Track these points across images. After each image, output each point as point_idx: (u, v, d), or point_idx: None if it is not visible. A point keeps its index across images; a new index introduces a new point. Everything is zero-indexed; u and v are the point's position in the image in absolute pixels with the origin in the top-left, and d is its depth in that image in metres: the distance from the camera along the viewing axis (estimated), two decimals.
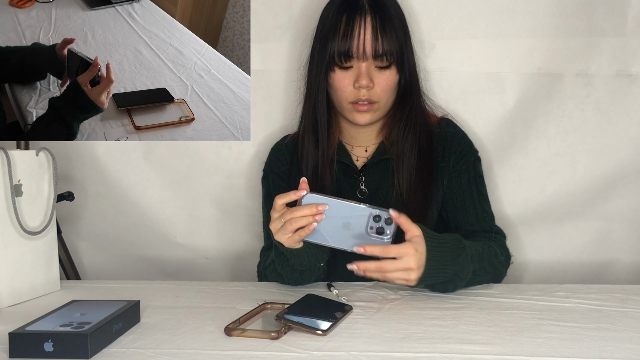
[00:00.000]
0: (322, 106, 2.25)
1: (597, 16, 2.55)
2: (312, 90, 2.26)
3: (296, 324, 1.55)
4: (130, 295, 1.84)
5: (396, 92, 2.22)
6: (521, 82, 2.60)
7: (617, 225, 2.68)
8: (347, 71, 2.15)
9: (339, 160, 2.28)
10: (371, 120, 2.21)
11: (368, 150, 2.31)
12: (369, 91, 2.14)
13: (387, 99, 2.19)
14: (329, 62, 2.16)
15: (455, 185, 2.24)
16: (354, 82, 2.14)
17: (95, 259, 2.90)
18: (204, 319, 1.67)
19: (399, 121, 2.25)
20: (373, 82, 2.14)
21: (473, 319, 1.66)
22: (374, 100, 2.16)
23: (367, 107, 2.17)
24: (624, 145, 2.61)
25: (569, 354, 1.41)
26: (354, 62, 2.14)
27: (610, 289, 1.96)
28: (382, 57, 2.12)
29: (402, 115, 2.25)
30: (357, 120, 2.20)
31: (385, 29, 2.13)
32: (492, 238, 2.17)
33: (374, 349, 1.44)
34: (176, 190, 2.79)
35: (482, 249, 2.01)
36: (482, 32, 2.58)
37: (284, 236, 1.84)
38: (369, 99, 2.15)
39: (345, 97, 2.17)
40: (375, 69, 2.15)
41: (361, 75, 2.12)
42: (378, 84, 2.15)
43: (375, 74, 2.15)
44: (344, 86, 2.16)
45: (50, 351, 1.39)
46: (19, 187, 1.88)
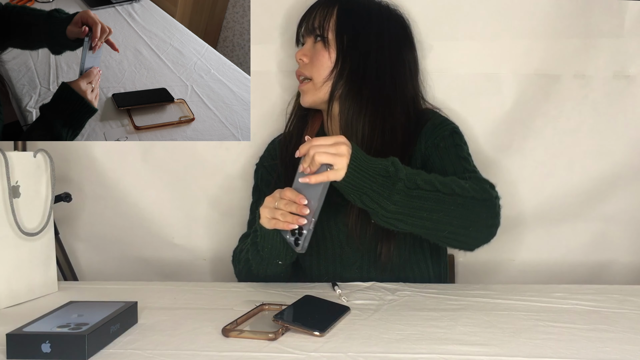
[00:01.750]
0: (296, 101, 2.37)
1: (595, 17, 2.55)
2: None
3: (294, 325, 1.55)
4: (127, 296, 1.84)
5: (331, 71, 2.22)
6: (519, 83, 2.60)
7: (615, 226, 2.68)
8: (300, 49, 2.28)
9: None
10: (311, 100, 2.26)
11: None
12: (303, 66, 2.24)
13: (320, 76, 2.23)
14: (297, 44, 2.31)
15: (433, 158, 2.18)
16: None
17: (92, 260, 2.89)
18: (202, 320, 1.67)
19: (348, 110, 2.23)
20: (308, 57, 2.23)
21: (470, 320, 1.66)
22: (306, 75, 2.24)
23: (304, 84, 2.26)
24: (622, 146, 2.62)
25: (566, 355, 1.41)
26: (306, 39, 2.26)
27: (607, 290, 1.96)
28: (318, 29, 2.22)
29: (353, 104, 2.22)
30: (303, 102, 2.28)
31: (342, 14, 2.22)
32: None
33: (371, 350, 1.44)
34: (174, 192, 2.79)
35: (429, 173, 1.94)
36: (480, 33, 2.59)
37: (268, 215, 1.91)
38: (302, 72, 2.25)
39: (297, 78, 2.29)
40: (317, 45, 2.23)
41: (301, 50, 2.25)
42: (312, 60, 2.23)
43: (313, 51, 2.24)
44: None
45: (48, 352, 1.39)
46: (16, 189, 1.88)
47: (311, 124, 2.34)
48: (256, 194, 2.40)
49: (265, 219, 1.91)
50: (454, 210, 1.90)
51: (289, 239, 1.89)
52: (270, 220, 1.89)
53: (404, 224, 1.87)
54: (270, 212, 1.89)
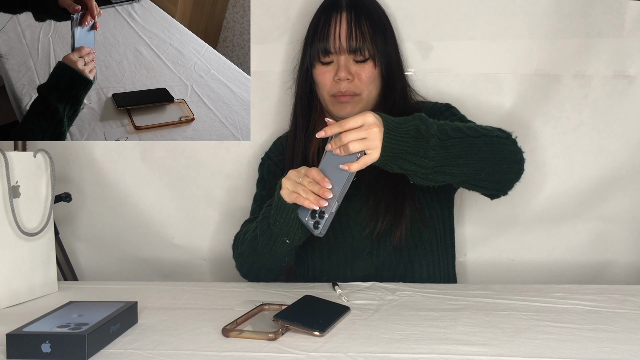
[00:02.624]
0: (303, 98, 2.37)
1: (595, 17, 2.55)
2: (299, 87, 2.38)
3: (294, 325, 1.55)
4: (127, 296, 1.84)
5: (379, 86, 2.28)
6: (518, 83, 2.60)
7: (615, 226, 2.68)
8: (328, 66, 2.26)
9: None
10: (352, 112, 2.24)
11: None
12: (349, 83, 2.23)
13: (369, 91, 2.26)
14: (310, 60, 2.27)
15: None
16: (334, 75, 2.23)
17: (92, 260, 2.89)
18: (202, 320, 1.67)
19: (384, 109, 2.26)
20: (352, 75, 2.22)
21: (470, 320, 1.66)
22: (356, 92, 2.24)
23: (348, 97, 2.24)
24: (622, 146, 2.61)
25: (566, 355, 1.41)
26: (333, 57, 2.24)
27: (607, 290, 1.96)
28: (358, 50, 2.22)
29: (385, 108, 2.26)
30: (339, 113, 2.25)
31: (361, 24, 2.22)
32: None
33: (371, 350, 1.44)
34: (174, 192, 2.79)
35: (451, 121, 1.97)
36: (480, 33, 2.59)
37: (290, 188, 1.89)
38: (349, 90, 2.23)
39: (327, 90, 2.26)
40: (354, 62, 2.23)
41: (340, 68, 2.22)
42: (359, 77, 2.23)
43: (354, 67, 2.23)
44: (324, 80, 2.26)
45: (48, 352, 1.39)
46: (16, 189, 1.88)
47: (318, 121, 2.34)
48: (261, 185, 2.42)
49: (287, 190, 1.90)
50: (485, 151, 1.94)
51: (308, 222, 1.87)
52: (292, 194, 1.88)
53: (443, 176, 1.87)
54: (293, 185, 1.88)
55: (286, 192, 1.90)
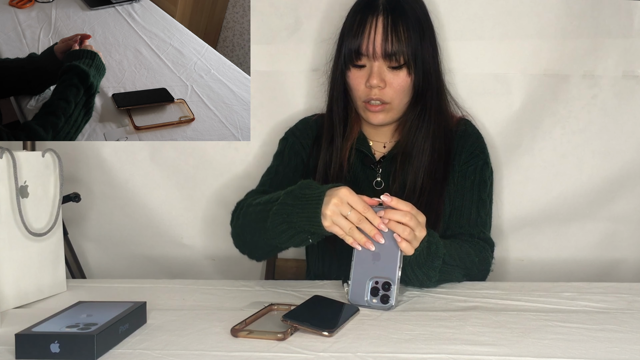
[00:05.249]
0: (337, 102, 2.30)
1: (604, 17, 2.55)
2: (331, 85, 2.32)
3: (302, 325, 1.54)
4: (136, 296, 1.84)
5: (411, 94, 2.23)
6: (527, 84, 2.60)
7: (624, 226, 2.68)
8: (361, 70, 2.19)
9: (358, 149, 2.30)
10: (384, 121, 2.24)
11: (387, 146, 2.34)
12: (380, 91, 2.17)
13: (400, 100, 2.22)
14: (344, 60, 2.21)
15: (458, 185, 2.24)
16: (366, 81, 2.17)
17: (101, 260, 2.90)
18: (211, 320, 1.67)
19: (412, 120, 2.26)
20: (385, 82, 2.17)
21: (479, 320, 1.66)
22: (386, 100, 2.19)
23: (379, 107, 2.20)
24: (630, 147, 2.61)
25: (575, 355, 1.41)
26: (365, 60, 2.17)
27: (616, 289, 1.96)
28: (392, 57, 2.14)
29: (414, 115, 2.25)
30: (370, 120, 2.24)
31: (397, 29, 2.14)
32: (472, 242, 2.15)
33: (380, 350, 1.44)
34: (182, 192, 2.80)
35: (451, 242, 2.01)
36: (489, 33, 2.59)
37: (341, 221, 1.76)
38: (380, 98, 2.18)
39: (358, 96, 2.22)
40: (388, 69, 2.17)
41: (372, 75, 2.15)
42: (390, 85, 2.17)
43: (387, 74, 2.17)
44: (357, 84, 2.20)
45: (57, 352, 1.39)
46: (24, 189, 1.88)
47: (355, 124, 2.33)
48: (279, 159, 2.40)
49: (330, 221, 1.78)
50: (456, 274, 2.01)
51: (371, 302, 1.76)
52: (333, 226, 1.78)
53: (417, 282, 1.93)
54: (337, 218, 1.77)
55: (329, 222, 1.78)
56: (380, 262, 1.77)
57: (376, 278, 1.76)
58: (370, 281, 1.77)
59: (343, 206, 1.76)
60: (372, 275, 1.77)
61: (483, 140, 2.33)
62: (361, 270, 1.78)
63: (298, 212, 1.84)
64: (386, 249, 1.76)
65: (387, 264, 1.76)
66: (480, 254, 2.10)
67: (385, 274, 1.76)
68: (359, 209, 1.76)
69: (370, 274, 1.77)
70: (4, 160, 1.82)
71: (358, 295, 1.77)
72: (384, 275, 1.76)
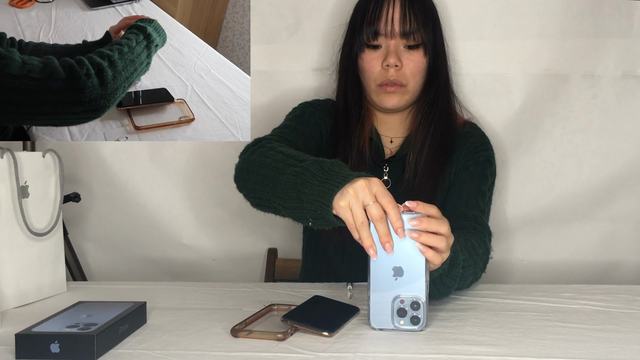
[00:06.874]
0: (352, 90, 2.27)
1: (604, 17, 2.55)
2: (342, 75, 2.29)
3: (302, 326, 1.55)
4: (136, 296, 1.84)
5: (425, 78, 2.22)
6: (527, 83, 2.60)
7: (623, 226, 2.68)
8: (376, 51, 2.17)
9: (375, 143, 2.28)
10: (398, 104, 2.20)
11: (394, 142, 2.31)
12: (397, 72, 2.15)
13: (415, 82, 2.20)
14: (358, 44, 2.18)
15: (457, 175, 2.21)
16: (382, 61, 2.15)
17: (101, 260, 2.90)
18: (211, 321, 1.67)
19: (423, 110, 2.24)
20: (401, 62, 2.15)
21: (479, 320, 1.66)
22: (402, 82, 2.17)
23: (395, 87, 2.16)
24: (630, 147, 2.62)
25: (575, 356, 1.41)
26: (382, 40, 2.16)
27: (616, 290, 1.96)
28: (410, 35, 2.14)
29: (426, 103, 2.24)
30: (385, 103, 2.20)
31: (414, 7, 2.14)
32: (470, 229, 2.04)
33: (380, 350, 1.44)
34: (183, 192, 2.80)
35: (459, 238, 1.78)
36: (489, 33, 2.59)
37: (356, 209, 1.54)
38: (397, 80, 2.16)
39: (373, 79, 2.18)
40: (404, 49, 2.16)
41: (390, 54, 2.14)
42: (407, 66, 2.16)
43: (404, 55, 2.16)
44: (372, 67, 2.17)
45: (57, 352, 1.39)
46: (25, 189, 1.88)
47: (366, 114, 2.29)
48: (296, 120, 2.25)
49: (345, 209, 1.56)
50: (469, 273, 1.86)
51: (399, 325, 1.56)
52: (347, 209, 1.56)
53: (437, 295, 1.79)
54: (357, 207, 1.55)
55: (345, 203, 1.56)
56: (403, 278, 1.55)
57: (401, 297, 1.55)
58: (394, 301, 1.56)
59: (367, 194, 1.54)
60: (396, 294, 1.56)
61: (488, 140, 2.31)
62: (381, 288, 1.56)
63: (315, 184, 1.61)
64: (409, 262, 1.54)
65: (412, 279, 1.55)
66: (482, 245, 1.98)
67: (412, 291, 1.55)
68: (383, 203, 1.53)
69: (394, 293, 1.56)
70: (5, 160, 1.82)
71: (381, 319, 1.57)
72: (410, 293, 1.55)
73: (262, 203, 1.83)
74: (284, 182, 1.70)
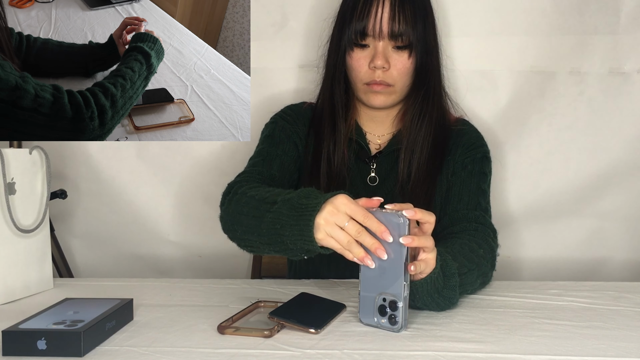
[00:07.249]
0: (339, 85, 2.23)
1: (590, 14, 2.56)
2: (330, 70, 2.25)
3: (289, 322, 1.55)
4: (123, 293, 1.84)
5: (413, 77, 2.18)
6: (514, 80, 2.61)
7: (610, 223, 2.69)
8: (364, 50, 2.13)
9: (355, 140, 2.25)
10: (385, 103, 2.18)
11: (381, 138, 2.29)
12: (384, 73, 2.12)
13: (403, 83, 2.17)
14: (346, 41, 2.15)
15: (456, 175, 2.19)
16: (370, 62, 2.13)
17: (88, 256, 2.90)
18: (197, 317, 1.67)
19: (414, 108, 2.22)
20: (389, 64, 2.11)
21: (466, 317, 1.67)
22: (389, 83, 2.14)
23: (381, 87, 2.14)
24: (617, 143, 2.62)
25: (562, 352, 1.41)
26: (370, 40, 2.12)
27: (603, 287, 1.97)
28: (399, 37, 2.10)
29: (416, 101, 2.21)
30: (371, 102, 2.18)
31: (405, 7, 2.10)
32: (470, 231, 2.06)
33: (366, 347, 1.45)
34: (169, 189, 2.79)
35: (452, 248, 1.85)
36: (475, 30, 2.59)
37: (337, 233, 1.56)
38: (383, 80, 2.13)
39: (360, 78, 2.16)
40: (393, 50, 2.12)
41: (377, 55, 2.10)
42: (394, 67, 2.12)
43: (391, 56, 2.12)
44: (359, 66, 2.14)
45: (44, 349, 1.39)
46: (12, 185, 1.88)
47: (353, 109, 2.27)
48: (268, 141, 2.27)
49: (324, 233, 1.58)
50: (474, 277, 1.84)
51: (379, 323, 1.58)
52: (328, 239, 1.58)
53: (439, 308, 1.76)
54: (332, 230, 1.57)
55: (323, 234, 1.58)
56: (385, 275, 1.55)
57: (384, 294, 1.55)
58: (377, 298, 1.56)
59: (339, 215, 1.56)
60: (380, 291, 1.56)
61: (481, 135, 2.30)
62: (368, 284, 1.57)
63: (292, 224, 1.62)
64: (390, 261, 1.53)
65: (392, 278, 1.54)
66: (483, 244, 1.98)
67: (392, 290, 1.54)
68: (358, 218, 1.54)
69: (378, 290, 1.56)
70: None
71: (367, 314, 1.59)
72: (391, 291, 1.54)
73: (255, 250, 1.86)
74: (265, 229, 1.71)
